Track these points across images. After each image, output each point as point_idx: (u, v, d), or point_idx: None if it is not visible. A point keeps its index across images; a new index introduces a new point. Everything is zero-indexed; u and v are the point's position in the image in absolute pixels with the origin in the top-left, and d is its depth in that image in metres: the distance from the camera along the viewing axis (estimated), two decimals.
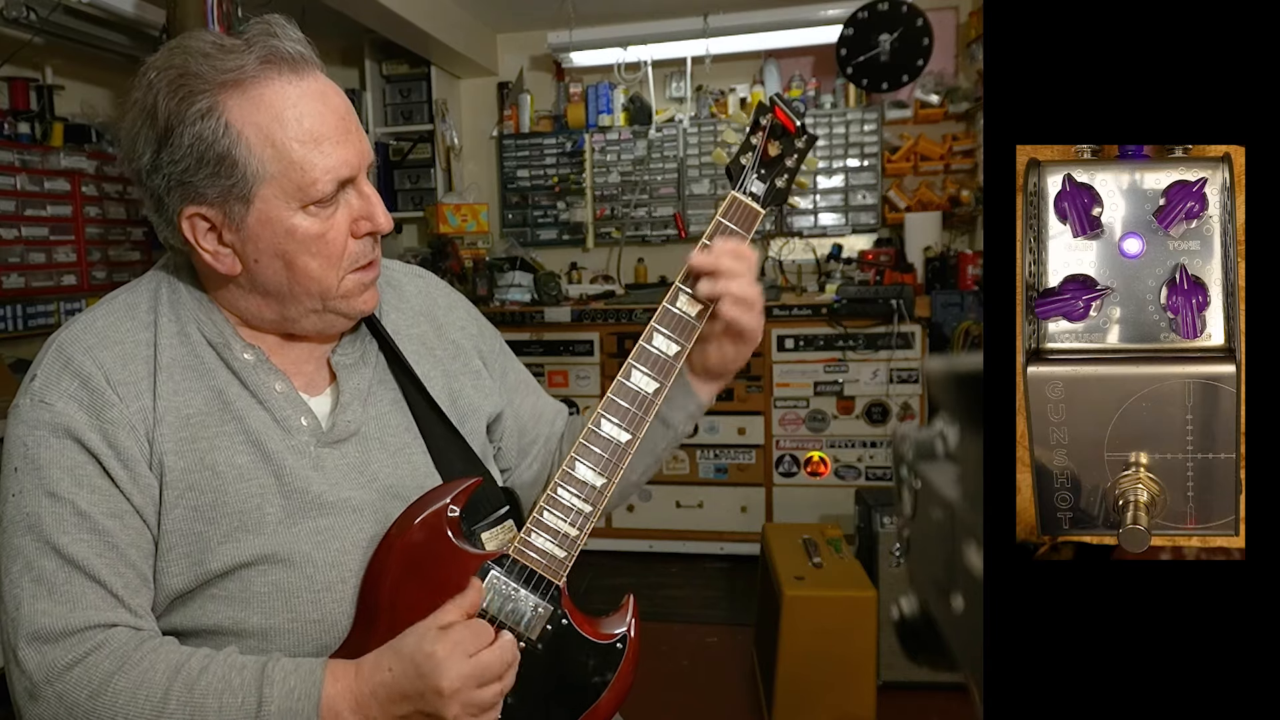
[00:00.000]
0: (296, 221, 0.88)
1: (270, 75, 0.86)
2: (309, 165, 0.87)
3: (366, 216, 0.92)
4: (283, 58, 0.87)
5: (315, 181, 0.87)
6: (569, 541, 0.96)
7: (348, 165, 0.89)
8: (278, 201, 0.87)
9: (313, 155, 0.87)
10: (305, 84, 0.88)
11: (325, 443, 0.95)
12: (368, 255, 0.94)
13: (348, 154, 0.89)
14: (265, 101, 0.86)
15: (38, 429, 0.87)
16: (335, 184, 0.88)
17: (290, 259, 0.90)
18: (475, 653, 0.85)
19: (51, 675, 0.82)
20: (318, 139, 0.87)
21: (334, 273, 0.92)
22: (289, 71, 0.87)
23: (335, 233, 0.90)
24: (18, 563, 0.85)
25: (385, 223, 0.93)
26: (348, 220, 0.91)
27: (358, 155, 0.90)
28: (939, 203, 3.95)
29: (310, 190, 0.87)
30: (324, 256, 0.90)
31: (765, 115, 1.03)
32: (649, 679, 2.33)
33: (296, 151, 0.86)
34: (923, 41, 3.50)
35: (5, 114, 3.18)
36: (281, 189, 0.87)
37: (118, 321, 0.93)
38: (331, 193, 0.89)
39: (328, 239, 0.90)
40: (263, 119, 0.86)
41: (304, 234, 0.89)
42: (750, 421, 3.68)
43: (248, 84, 0.86)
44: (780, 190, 1.04)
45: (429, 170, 4.41)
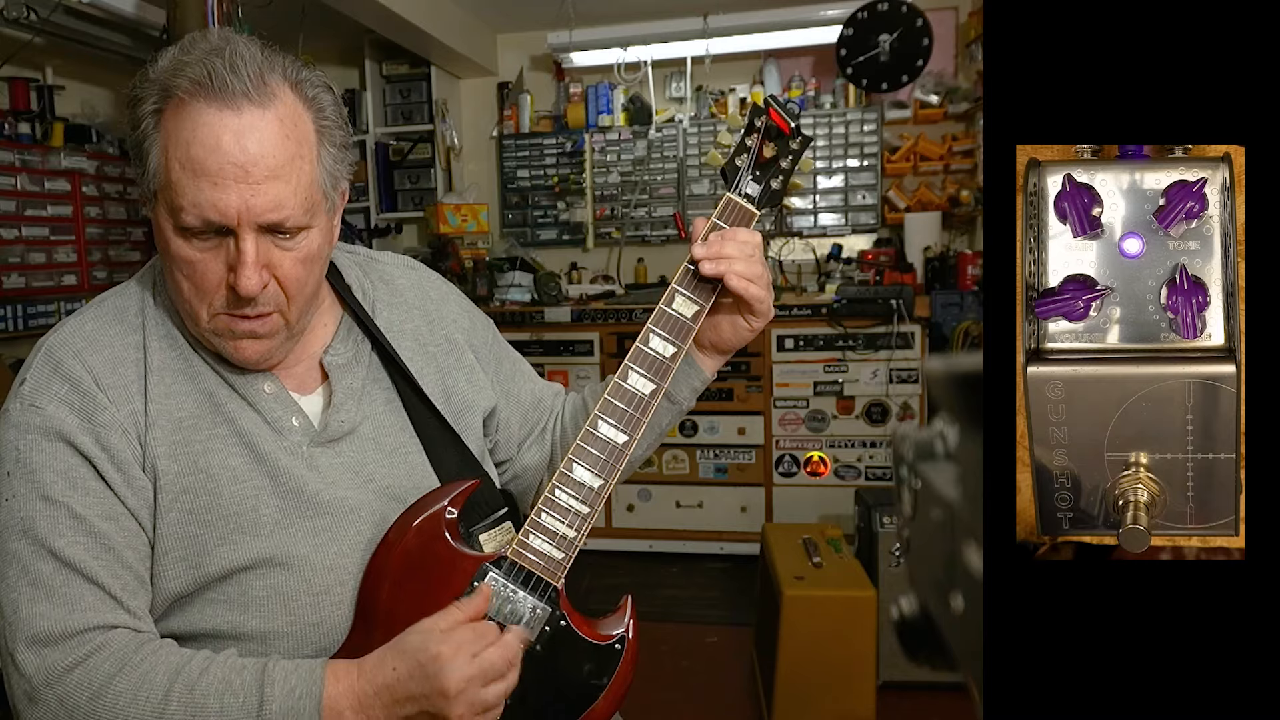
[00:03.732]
0: (170, 237, 0.86)
1: (195, 96, 0.84)
2: (179, 191, 0.84)
3: (233, 271, 0.86)
4: (212, 84, 0.83)
5: (181, 209, 0.84)
6: (567, 543, 0.96)
7: (216, 211, 0.83)
8: (162, 212, 0.87)
9: (185, 183, 0.84)
10: (223, 116, 0.83)
11: (318, 443, 0.95)
12: (239, 307, 0.88)
13: (223, 200, 0.83)
14: (180, 117, 0.84)
15: (29, 433, 0.87)
16: (199, 221, 0.84)
17: (170, 270, 0.89)
18: (479, 652, 0.85)
19: (51, 678, 0.82)
20: (196, 171, 0.83)
21: (203, 304, 0.88)
22: (216, 99, 0.83)
23: (206, 267, 0.86)
24: (14, 567, 0.84)
25: (244, 285, 0.85)
26: (223, 264, 0.87)
27: (237, 206, 0.83)
28: (939, 203, 3.95)
29: (178, 216, 0.85)
30: (193, 282, 0.87)
31: (760, 117, 1.03)
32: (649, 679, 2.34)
33: (175, 173, 0.84)
34: (922, 41, 3.50)
35: (5, 114, 3.18)
36: (164, 202, 0.86)
37: (106, 325, 0.93)
38: (197, 227, 0.84)
39: (197, 268, 0.87)
40: (172, 132, 0.84)
41: (176, 252, 0.87)
42: (750, 421, 3.68)
43: (181, 96, 0.84)
44: (775, 192, 1.04)
45: (429, 170, 4.41)
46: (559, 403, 1.23)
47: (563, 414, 1.22)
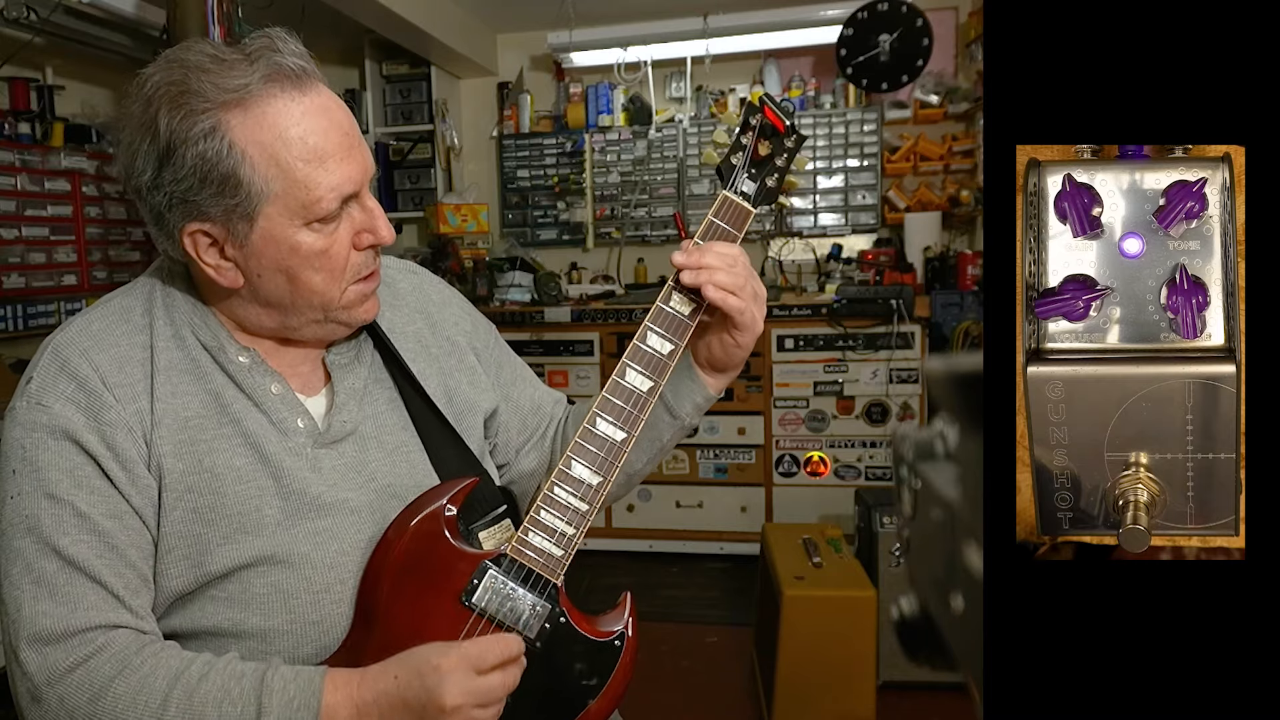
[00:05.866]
0: (301, 239, 0.88)
1: (274, 92, 0.85)
2: (313, 184, 0.86)
3: (369, 229, 0.92)
4: (286, 74, 0.86)
5: (320, 200, 0.87)
6: (566, 540, 0.96)
7: (351, 181, 0.89)
8: (282, 220, 0.87)
9: (317, 174, 0.86)
10: (308, 100, 0.87)
11: (322, 443, 0.95)
12: (369, 266, 0.95)
13: (351, 170, 0.89)
14: (269, 120, 0.85)
15: (35, 431, 0.87)
16: (339, 201, 0.88)
17: (294, 274, 0.90)
18: (483, 670, 0.85)
19: (53, 678, 0.82)
20: (322, 157, 0.86)
21: (336, 286, 0.92)
22: (292, 88, 0.86)
23: (338, 247, 0.91)
24: (18, 565, 0.85)
25: (387, 235, 0.94)
26: (350, 234, 0.91)
27: (361, 170, 0.90)
28: (939, 203, 3.95)
29: (315, 208, 0.87)
30: (327, 271, 0.91)
31: (755, 115, 1.03)
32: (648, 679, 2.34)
33: (300, 170, 0.86)
34: (922, 41, 3.50)
35: (6, 114, 3.18)
36: (286, 207, 0.86)
37: (113, 325, 0.93)
38: (336, 210, 0.88)
39: (331, 254, 0.90)
40: (266, 138, 0.85)
41: (308, 250, 0.89)
42: (750, 421, 3.68)
43: (250, 102, 0.85)
44: (771, 190, 1.04)
45: (429, 170, 4.41)
46: (559, 410, 1.23)
47: (564, 422, 1.22)
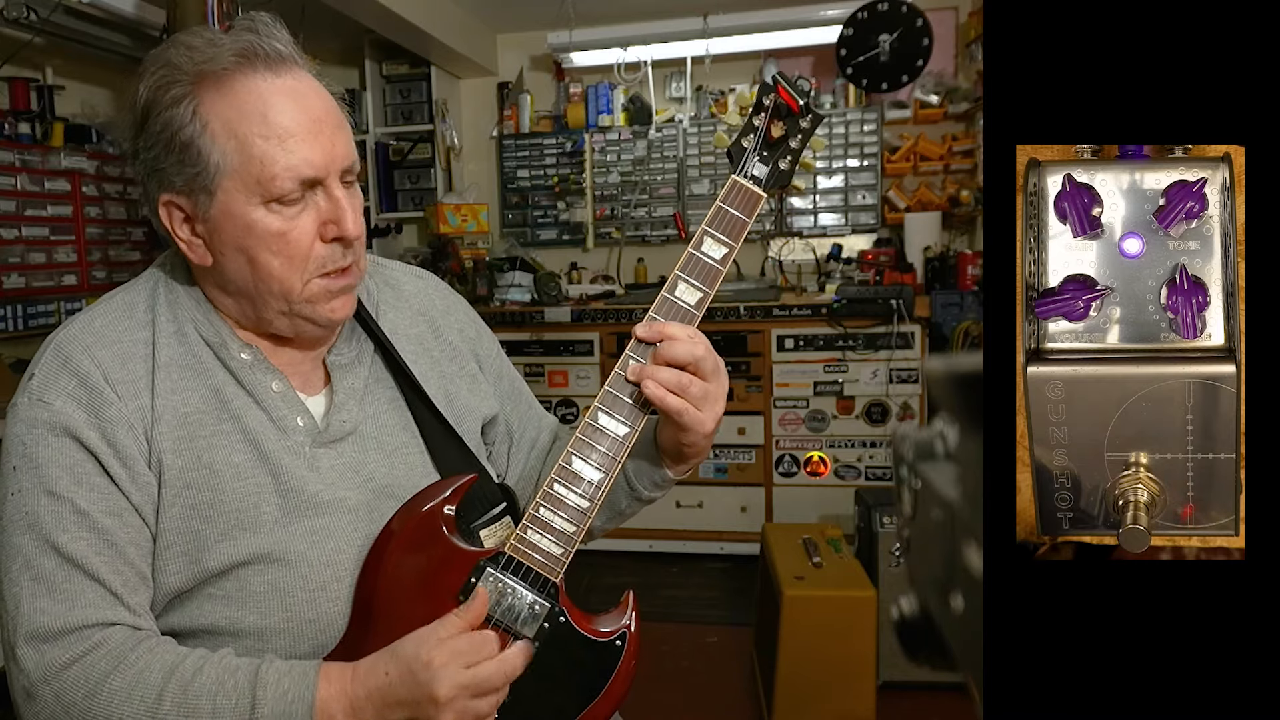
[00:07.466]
0: (256, 217, 0.87)
1: (246, 70, 0.86)
2: (269, 160, 0.86)
3: (334, 220, 0.90)
4: (260, 54, 0.87)
5: (275, 177, 0.86)
6: (566, 538, 0.95)
7: (310, 165, 0.87)
8: (239, 195, 0.87)
9: (274, 151, 0.86)
10: (280, 81, 0.87)
11: (321, 443, 0.95)
12: (337, 261, 0.91)
13: (313, 154, 0.87)
14: (236, 96, 0.86)
15: (36, 427, 0.87)
16: (296, 182, 0.87)
17: (252, 255, 0.89)
18: (474, 663, 0.85)
19: (49, 674, 0.82)
20: (282, 136, 0.86)
21: (297, 275, 0.90)
22: (265, 68, 0.87)
23: (299, 233, 0.89)
24: (17, 561, 0.85)
25: (353, 229, 0.90)
26: (315, 223, 0.90)
27: (325, 156, 0.88)
28: (939, 203, 3.95)
29: (270, 186, 0.86)
30: (285, 256, 0.89)
31: (768, 95, 0.99)
32: (649, 679, 2.34)
33: (258, 146, 0.85)
34: (922, 41, 3.50)
35: (5, 114, 3.18)
36: (243, 182, 0.86)
37: (115, 321, 0.93)
38: (292, 190, 0.87)
39: (289, 238, 0.88)
40: (230, 112, 0.86)
41: (263, 230, 0.87)
42: (750, 421, 3.68)
43: (222, 75, 0.86)
44: (784, 172, 1.00)
45: (429, 170, 4.41)
46: (545, 436, 1.21)
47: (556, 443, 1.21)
